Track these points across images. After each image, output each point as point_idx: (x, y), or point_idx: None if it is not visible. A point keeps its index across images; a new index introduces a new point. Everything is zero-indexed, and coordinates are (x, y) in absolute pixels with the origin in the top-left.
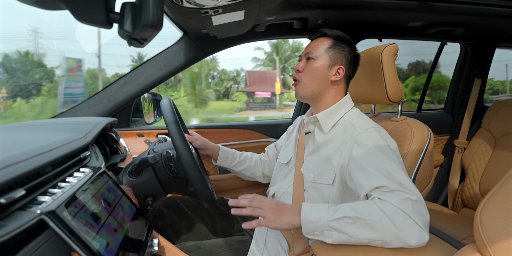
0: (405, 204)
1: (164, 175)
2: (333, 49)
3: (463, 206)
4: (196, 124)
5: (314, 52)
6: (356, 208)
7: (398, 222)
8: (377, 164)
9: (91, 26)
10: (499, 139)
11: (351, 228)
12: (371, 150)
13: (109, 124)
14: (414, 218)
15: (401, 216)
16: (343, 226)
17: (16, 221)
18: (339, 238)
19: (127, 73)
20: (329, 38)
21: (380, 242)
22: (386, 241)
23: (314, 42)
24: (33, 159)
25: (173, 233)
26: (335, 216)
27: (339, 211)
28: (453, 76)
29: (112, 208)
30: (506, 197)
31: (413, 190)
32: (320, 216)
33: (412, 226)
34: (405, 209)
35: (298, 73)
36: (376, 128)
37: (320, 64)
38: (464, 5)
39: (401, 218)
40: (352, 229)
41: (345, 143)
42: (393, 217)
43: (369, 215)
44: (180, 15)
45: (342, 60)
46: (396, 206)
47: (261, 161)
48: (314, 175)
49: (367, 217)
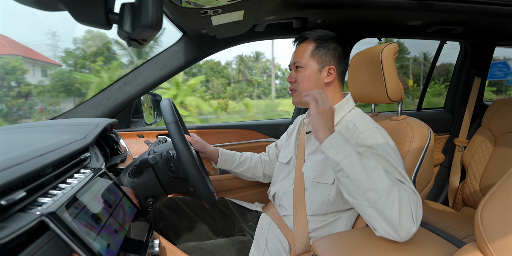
0: (412, 194)
1: (164, 175)
2: (317, 51)
3: (463, 205)
4: (196, 125)
5: (301, 60)
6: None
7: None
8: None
9: (91, 27)
10: (499, 138)
11: (366, 163)
12: (372, 150)
13: (109, 125)
14: (413, 208)
15: (405, 201)
16: (362, 160)
17: (17, 223)
18: (349, 166)
19: (126, 74)
20: (310, 41)
21: (376, 198)
22: (380, 203)
23: (298, 49)
24: (33, 161)
25: (174, 234)
26: (362, 153)
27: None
28: (453, 75)
29: (112, 209)
30: (507, 196)
31: (412, 188)
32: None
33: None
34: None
35: (292, 83)
36: (377, 128)
37: (310, 71)
38: (464, 4)
39: (405, 201)
40: (366, 165)
41: None
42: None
43: (388, 180)
44: (179, 15)
45: (330, 59)
46: (407, 192)
47: (261, 161)
48: (315, 175)
49: (385, 179)
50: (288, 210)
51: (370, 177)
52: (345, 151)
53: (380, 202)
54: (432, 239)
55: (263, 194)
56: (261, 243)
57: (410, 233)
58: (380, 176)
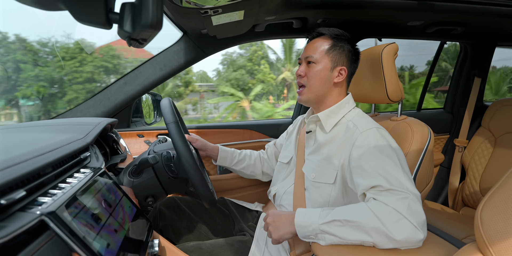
0: (401, 203)
1: (164, 175)
2: (333, 50)
3: (463, 205)
4: (196, 124)
5: (314, 56)
6: (347, 211)
7: (390, 223)
8: (375, 164)
9: (91, 26)
10: (499, 138)
11: (341, 231)
12: (371, 150)
13: (109, 125)
14: (409, 217)
15: (395, 217)
16: (333, 229)
17: (17, 222)
18: (332, 240)
19: (126, 73)
20: (327, 38)
21: (371, 243)
22: (377, 243)
23: (313, 44)
24: (33, 160)
25: (174, 234)
26: (325, 220)
27: (330, 215)
28: (453, 75)
29: (112, 208)
30: (507, 196)
31: (410, 189)
32: (312, 220)
33: (407, 226)
34: (399, 209)
35: (301, 78)
36: (378, 128)
37: (322, 67)
38: (464, 4)
39: (395, 219)
40: (342, 232)
41: (346, 142)
42: (384, 218)
43: (359, 217)
44: (179, 15)
45: (344, 60)
46: (390, 206)
47: (260, 158)
48: (316, 175)
49: (357, 219)
50: (288, 210)
51: (351, 236)
52: (315, 230)
53: (371, 241)
54: (432, 239)
55: (263, 194)
56: (261, 243)
57: (416, 241)
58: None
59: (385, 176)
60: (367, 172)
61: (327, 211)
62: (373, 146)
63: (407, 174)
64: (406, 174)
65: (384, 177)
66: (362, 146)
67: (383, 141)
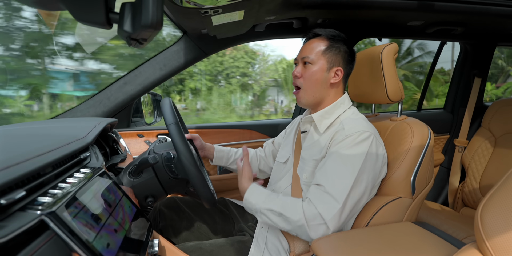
0: (328, 212)
1: (164, 175)
2: (329, 51)
3: (463, 205)
4: (196, 124)
5: (310, 56)
6: (285, 205)
7: (313, 224)
8: (334, 165)
9: (91, 26)
10: (499, 138)
11: (274, 218)
12: (341, 152)
13: (109, 125)
14: (329, 225)
15: (318, 221)
16: (269, 215)
17: (17, 222)
18: (266, 221)
19: (126, 73)
20: (323, 38)
21: (294, 233)
22: (296, 234)
23: (309, 44)
24: (33, 160)
25: (174, 234)
26: (266, 206)
27: (271, 203)
28: (453, 75)
29: (112, 208)
30: (507, 196)
31: (344, 200)
32: (257, 200)
33: (324, 230)
34: (325, 215)
35: (297, 78)
36: (363, 132)
37: (318, 68)
38: (464, 4)
39: (318, 222)
40: (274, 220)
41: (330, 143)
42: (310, 220)
43: (291, 214)
44: (179, 15)
45: (340, 61)
46: (318, 211)
47: (257, 156)
48: (307, 175)
49: (289, 215)
50: None
51: (281, 225)
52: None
53: (294, 232)
54: (432, 239)
55: None
56: (261, 243)
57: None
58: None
59: (332, 180)
60: (324, 169)
61: (272, 197)
62: (345, 149)
63: (359, 184)
64: (356, 184)
65: (332, 181)
66: (338, 147)
67: (360, 148)
